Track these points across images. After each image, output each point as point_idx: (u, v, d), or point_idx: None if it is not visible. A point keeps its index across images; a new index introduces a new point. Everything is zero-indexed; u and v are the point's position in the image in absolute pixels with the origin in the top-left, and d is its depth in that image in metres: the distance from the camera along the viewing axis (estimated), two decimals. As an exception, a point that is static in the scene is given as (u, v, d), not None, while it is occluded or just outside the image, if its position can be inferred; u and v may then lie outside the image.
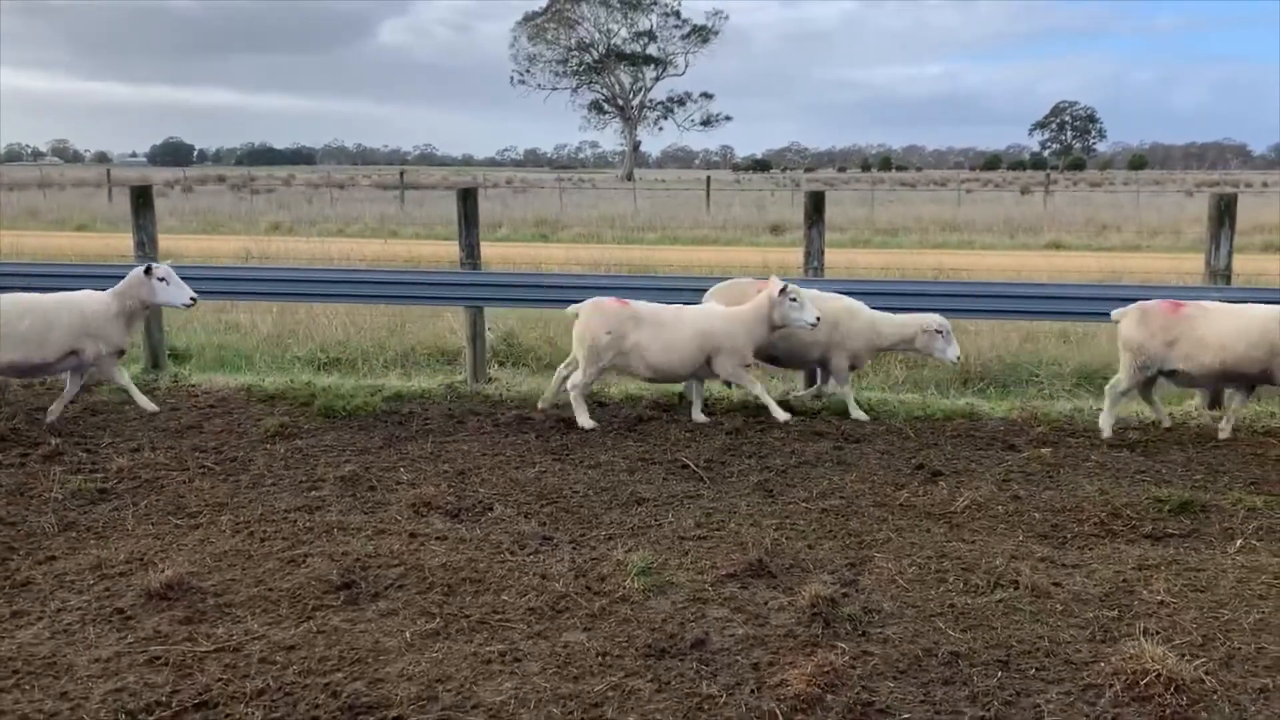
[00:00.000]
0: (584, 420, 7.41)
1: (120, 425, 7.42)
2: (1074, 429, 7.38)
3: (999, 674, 3.93)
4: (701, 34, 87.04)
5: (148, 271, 7.40)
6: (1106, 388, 7.31)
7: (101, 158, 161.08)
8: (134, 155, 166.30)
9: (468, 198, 8.54)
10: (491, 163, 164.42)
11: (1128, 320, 7.09)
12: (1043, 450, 6.73)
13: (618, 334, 7.40)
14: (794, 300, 7.27)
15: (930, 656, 4.06)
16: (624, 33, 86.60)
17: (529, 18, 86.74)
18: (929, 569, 4.93)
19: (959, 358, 7.65)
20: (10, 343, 7.10)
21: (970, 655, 4.07)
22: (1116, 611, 4.45)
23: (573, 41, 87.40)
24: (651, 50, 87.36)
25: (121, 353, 7.59)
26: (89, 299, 7.42)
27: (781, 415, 7.48)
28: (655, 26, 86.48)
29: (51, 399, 7.92)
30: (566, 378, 7.76)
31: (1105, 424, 7.18)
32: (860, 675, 3.90)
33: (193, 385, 8.63)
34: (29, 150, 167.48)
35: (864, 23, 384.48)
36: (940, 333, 7.56)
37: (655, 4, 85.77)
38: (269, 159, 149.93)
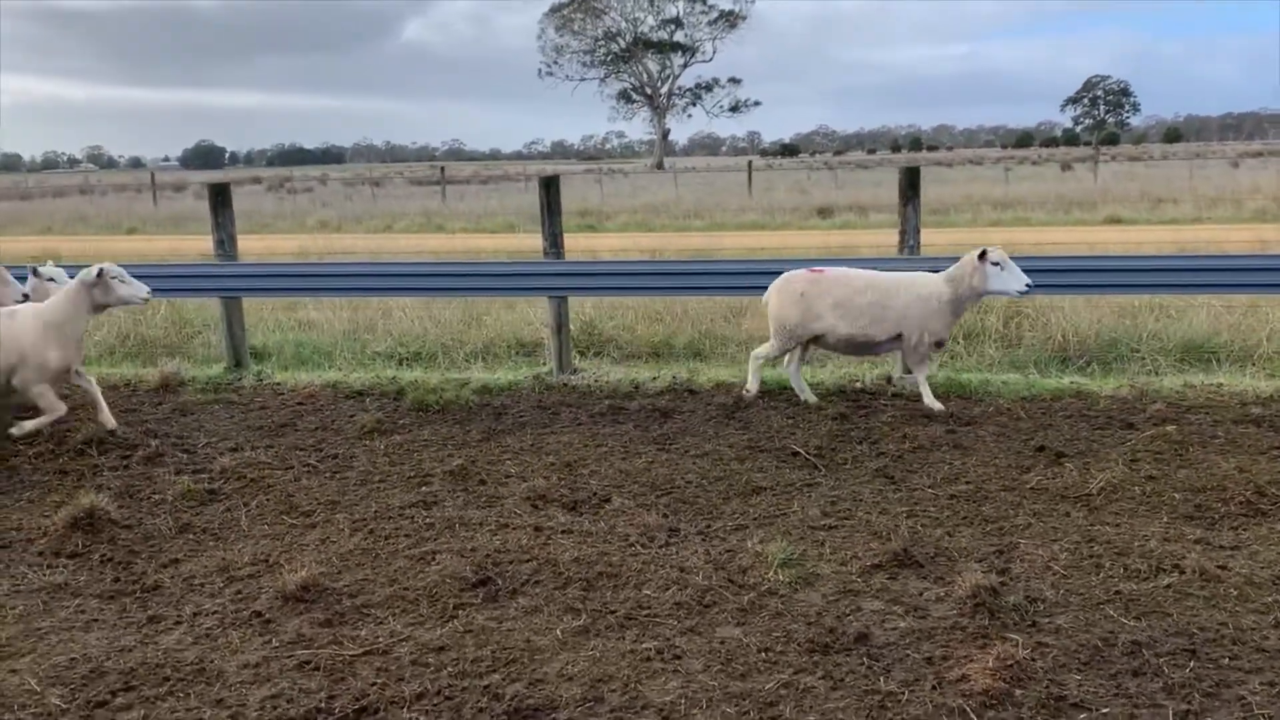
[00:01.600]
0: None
1: (214, 424, 7.35)
2: (1191, 404, 7.13)
3: (1190, 663, 3.73)
4: (729, 19, 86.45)
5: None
6: None
7: (135, 163, 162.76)
8: (167, 159, 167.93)
9: (551, 187, 8.38)
10: (519, 156, 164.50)
11: None
12: (1167, 428, 6.48)
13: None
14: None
15: (1110, 646, 3.87)
16: (651, 20, 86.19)
17: (556, 8, 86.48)
18: (1081, 554, 4.73)
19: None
20: None
21: (1153, 644, 3.88)
22: (1295, 595, 4.24)
23: (600, 31, 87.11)
24: (679, 37, 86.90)
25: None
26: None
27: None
28: (682, 13, 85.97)
29: (136, 404, 7.89)
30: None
31: None
32: (1044, 668, 3.71)
33: (277, 383, 8.55)
34: (65, 158, 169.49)
35: (886, 4, 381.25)
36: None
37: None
38: (300, 159, 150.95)
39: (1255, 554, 4.66)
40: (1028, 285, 6.96)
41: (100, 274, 6.81)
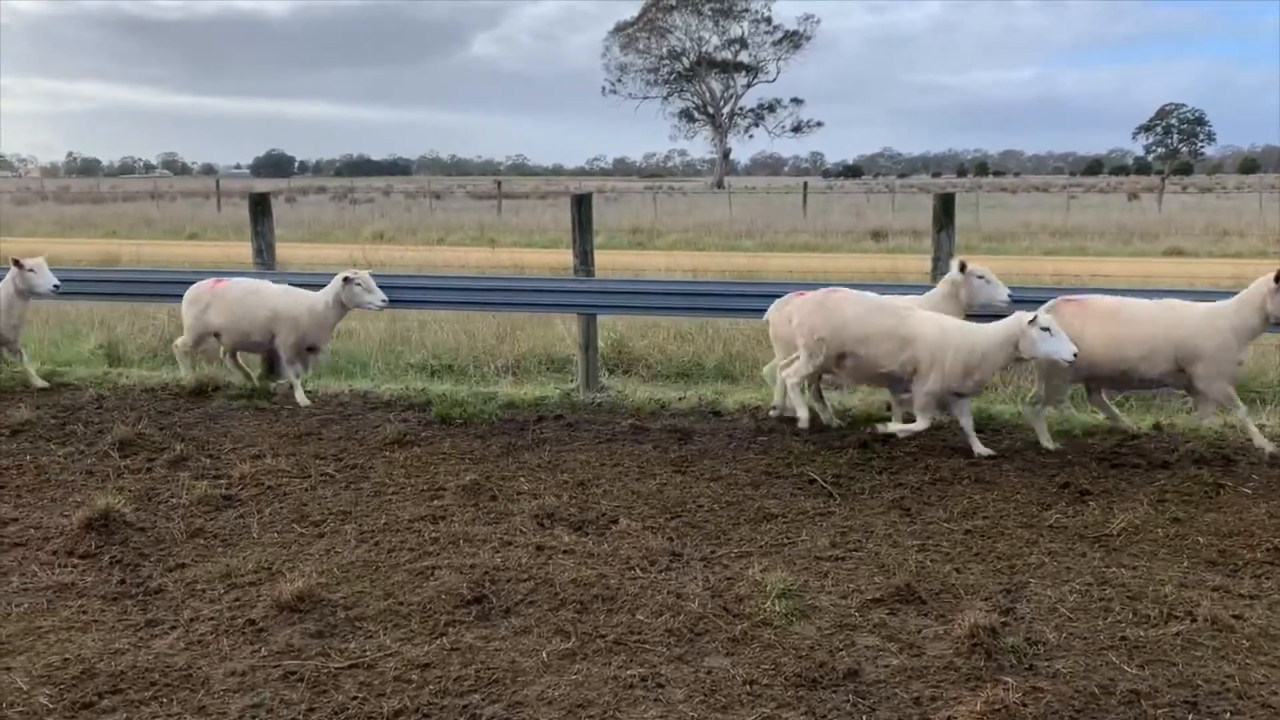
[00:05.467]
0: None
1: (241, 430, 7.45)
2: (1227, 445, 6.90)
3: (1189, 716, 3.60)
4: (793, 40, 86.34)
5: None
6: None
7: (208, 170, 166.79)
8: (238, 167, 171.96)
9: (582, 204, 8.40)
10: (581, 172, 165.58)
11: None
12: (1199, 469, 6.27)
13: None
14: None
15: (1108, 695, 3.74)
16: (715, 40, 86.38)
17: (621, 27, 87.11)
18: (1091, 597, 4.58)
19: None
20: None
21: (1152, 694, 3.74)
22: (1311, 650, 4.06)
23: (664, 50, 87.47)
24: (743, 57, 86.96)
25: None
26: None
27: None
28: (746, 33, 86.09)
29: (169, 408, 8.05)
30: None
31: None
32: (1034, 714, 3.59)
33: (309, 391, 8.65)
34: (140, 163, 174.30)
35: (952, 26, 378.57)
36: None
37: (746, 10, 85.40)
38: (367, 170, 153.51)
39: (1275, 604, 4.48)
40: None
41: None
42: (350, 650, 4.13)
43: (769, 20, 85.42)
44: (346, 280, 8.15)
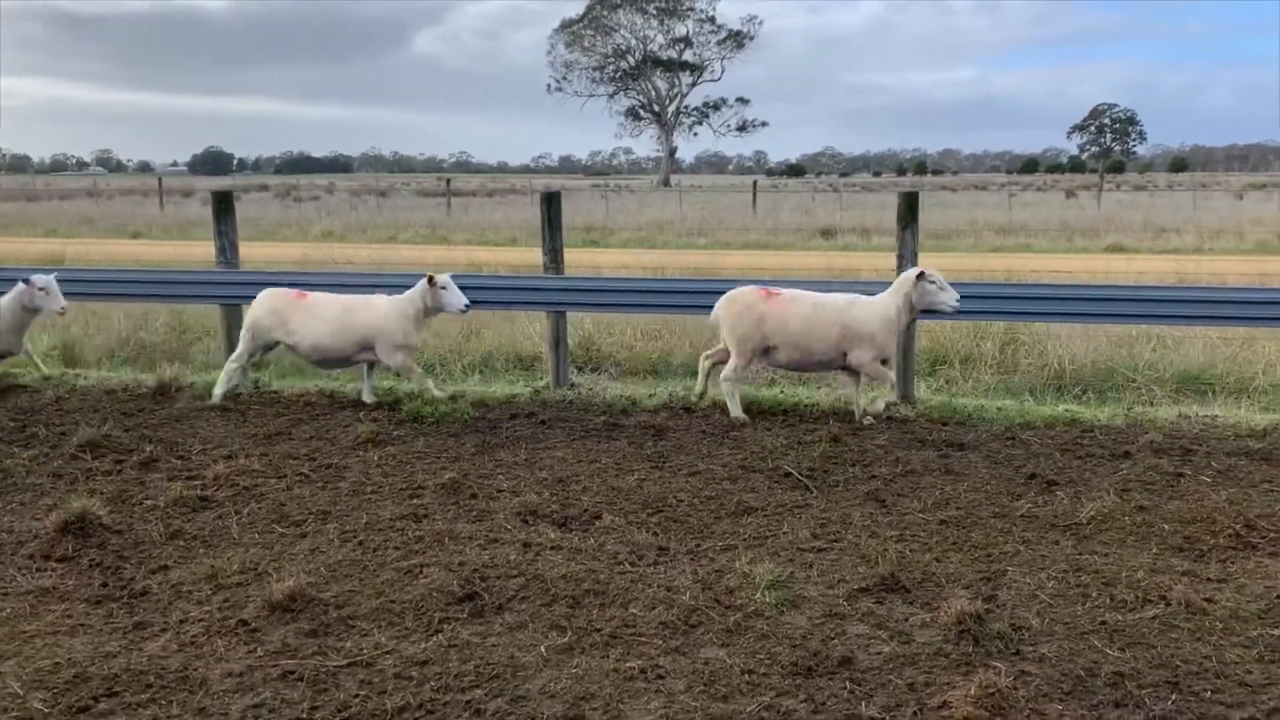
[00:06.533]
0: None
1: (209, 431, 7.37)
2: (1185, 435, 7.13)
3: (1172, 696, 3.73)
4: (737, 39, 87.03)
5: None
6: None
7: (144, 167, 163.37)
8: (175, 164, 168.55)
9: (552, 203, 8.41)
10: (526, 169, 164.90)
11: None
12: (1160, 459, 6.48)
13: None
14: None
15: (1093, 677, 3.87)
16: (660, 39, 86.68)
17: (566, 25, 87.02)
18: (1068, 583, 4.73)
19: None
20: None
21: (1135, 676, 3.88)
22: (1280, 630, 4.24)
23: (609, 48, 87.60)
24: (688, 56, 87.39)
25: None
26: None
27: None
28: (691, 33, 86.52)
29: (133, 409, 7.93)
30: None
31: None
32: (1025, 697, 3.71)
33: (274, 391, 8.57)
34: (73, 160, 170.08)
35: (889, 27, 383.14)
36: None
37: (691, 10, 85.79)
38: (308, 167, 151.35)
39: (1242, 587, 4.66)
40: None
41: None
42: (347, 649, 4.13)
43: (713, 20, 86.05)
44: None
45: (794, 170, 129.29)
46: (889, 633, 4.26)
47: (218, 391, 8.09)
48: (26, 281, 8.21)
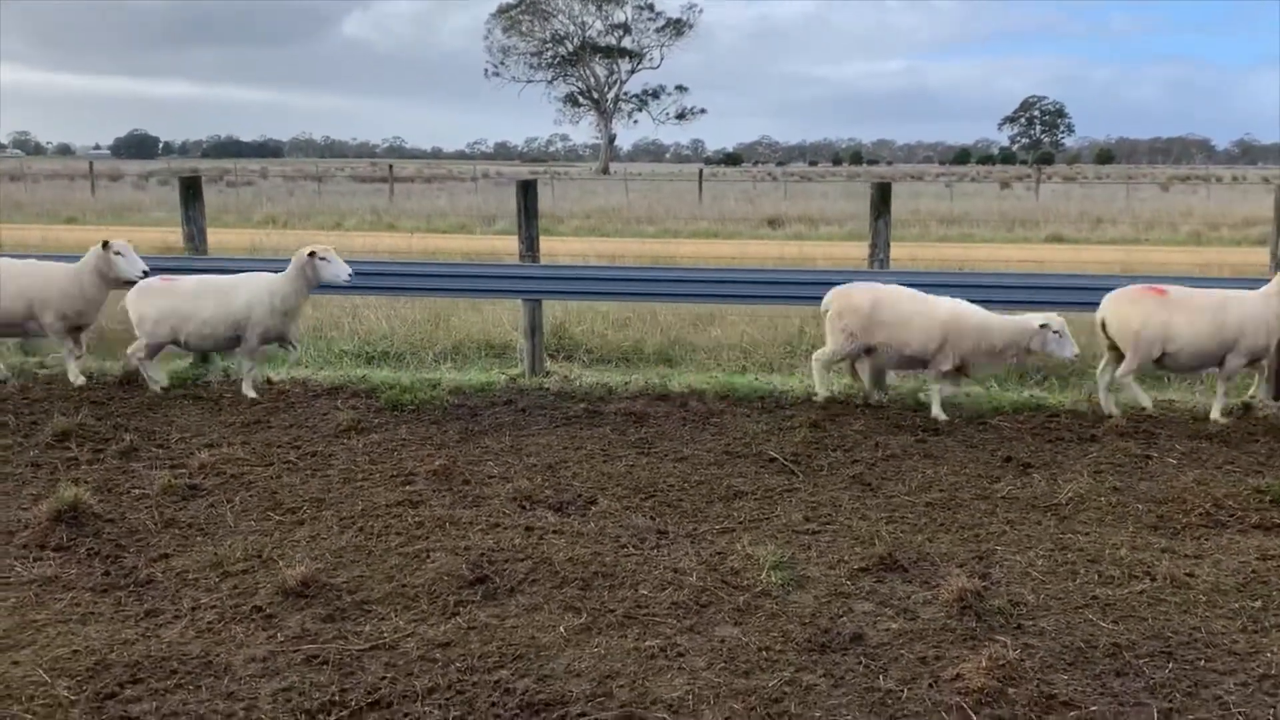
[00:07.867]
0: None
1: (185, 420, 7.28)
2: (1146, 419, 7.41)
3: (1168, 664, 3.94)
4: (676, 27, 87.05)
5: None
6: None
7: (64, 150, 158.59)
8: (98, 147, 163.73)
9: (528, 191, 8.44)
10: (461, 155, 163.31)
11: None
12: (1127, 442, 6.75)
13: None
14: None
15: (1092, 648, 4.06)
16: (599, 25, 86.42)
17: (503, 9, 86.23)
18: (1056, 561, 4.93)
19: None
20: None
21: (1132, 646, 4.08)
22: (1260, 602, 4.47)
23: (547, 34, 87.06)
24: (626, 43, 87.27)
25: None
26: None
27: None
28: (630, 19, 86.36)
29: (102, 398, 7.81)
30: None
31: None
32: (1032, 668, 3.89)
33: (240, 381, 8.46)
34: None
35: (825, 21, 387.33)
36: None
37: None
38: (236, 151, 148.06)
39: (1219, 562, 4.91)
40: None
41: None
42: (367, 633, 4.16)
43: (652, 7, 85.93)
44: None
45: (731, 159, 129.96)
46: (894, 610, 4.41)
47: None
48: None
